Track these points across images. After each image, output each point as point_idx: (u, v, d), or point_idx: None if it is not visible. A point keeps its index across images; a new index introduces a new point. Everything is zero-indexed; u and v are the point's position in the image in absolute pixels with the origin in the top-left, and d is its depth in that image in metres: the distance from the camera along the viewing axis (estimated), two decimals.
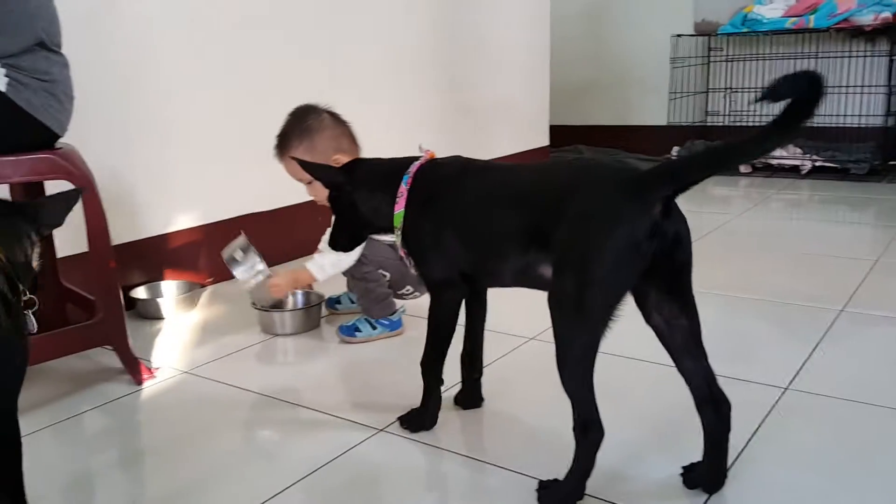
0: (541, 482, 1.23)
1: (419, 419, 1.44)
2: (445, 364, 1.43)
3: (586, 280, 1.09)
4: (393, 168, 1.42)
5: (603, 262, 1.09)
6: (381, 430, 1.46)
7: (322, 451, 1.39)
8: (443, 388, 1.46)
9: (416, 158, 1.43)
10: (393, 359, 1.83)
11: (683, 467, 1.26)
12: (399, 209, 1.37)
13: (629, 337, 1.27)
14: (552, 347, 1.15)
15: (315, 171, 1.48)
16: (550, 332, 1.15)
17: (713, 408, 1.20)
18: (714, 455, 1.21)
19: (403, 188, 1.37)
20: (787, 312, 2.07)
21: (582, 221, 1.11)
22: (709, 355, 1.19)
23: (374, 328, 1.92)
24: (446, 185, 1.36)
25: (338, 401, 1.61)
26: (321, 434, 1.47)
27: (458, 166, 1.39)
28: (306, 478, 1.30)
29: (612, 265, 1.09)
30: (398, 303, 1.99)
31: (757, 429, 1.42)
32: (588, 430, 1.15)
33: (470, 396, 1.53)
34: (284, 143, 1.83)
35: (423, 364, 1.43)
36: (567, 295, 1.11)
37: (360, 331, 1.92)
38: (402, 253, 1.42)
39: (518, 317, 1.94)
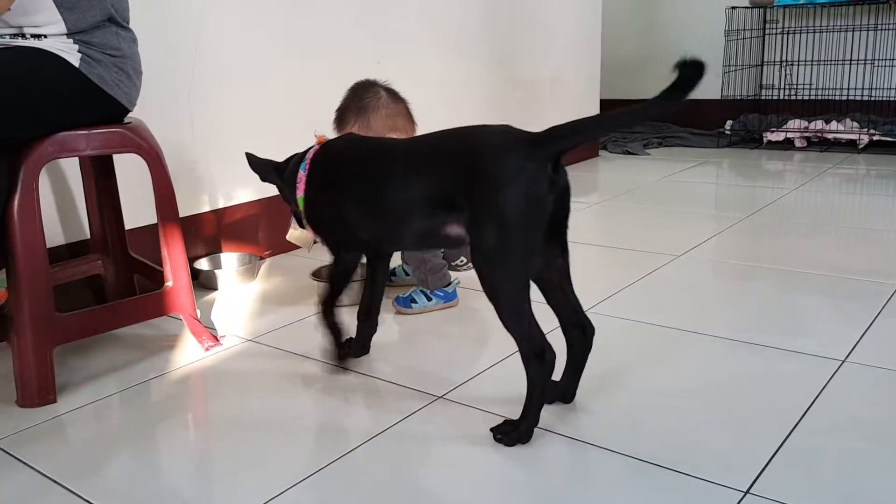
0: (495, 428, 1.33)
1: (335, 355, 1.65)
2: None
3: (505, 230, 1.22)
4: (298, 159, 1.59)
5: (517, 212, 1.22)
6: (440, 397, 1.50)
7: (382, 417, 1.43)
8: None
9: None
10: (447, 329, 1.87)
11: None
12: (300, 194, 1.54)
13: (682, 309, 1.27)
14: (606, 319, 1.16)
15: (255, 167, 1.68)
16: (602, 305, 1.17)
17: (580, 330, 1.40)
18: (575, 371, 1.42)
19: (302, 174, 1.54)
20: (844, 287, 2.05)
21: (492, 180, 1.23)
22: (769, 328, 1.21)
23: (430, 299, 1.96)
24: (339, 162, 1.51)
25: (396, 369, 1.66)
26: (381, 401, 1.52)
27: (350, 143, 1.55)
28: (368, 442, 1.35)
29: (525, 213, 1.23)
30: (453, 274, 2.02)
31: (814, 400, 1.42)
32: (544, 354, 1.27)
33: (359, 348, 1.70)
34: (342, 118, 1.88)
35: (322, 312, 1.61)
36: (490, 246, 1.24)
37: (415, 302, 1.96)
38: (309, 232, 1.58)
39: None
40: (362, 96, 1.86)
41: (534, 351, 1.27)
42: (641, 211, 3.08)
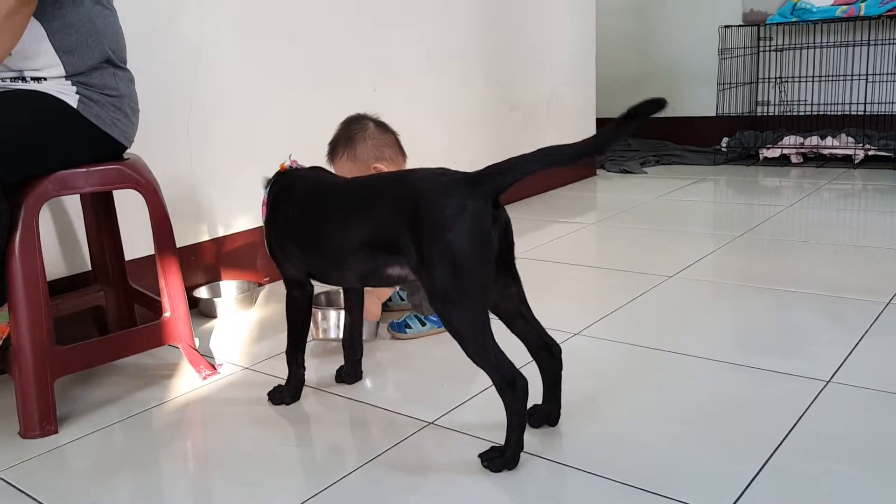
0: (483, 454, 1.36)
1: (280, 394, 1.67)
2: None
3: (457, 270, 1.26)
4: (267, 182, 1.63)
5: (465, 251, 1.25)
6: (430, 423, 1.54)
7: (374, 444, 1.47)
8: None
9: (288, 171, 1.61)
10: (440, 354, 1.90)
11: (528, 410, 1.36)
12: (264, 217, 1.59)
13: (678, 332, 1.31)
14: (596, 342, 1.20)
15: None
16: (593, 328, 1.20)
17: (547, 352, 1.43)
18: (553, 392, 1.46)
19: (265, 198, 1.59)
20: (835, 306, 2.08)
21: (437, 222, 1.27)
22: (757, 349, 1.23)
23: (424, 324, 1.99)
24: (287, 198, 1.56)
25: (388, 395, 1.69)
26: (373, 428, 1.55)
27: (300, 177, 1.58)
28: (360, 468, 1.38)
29: (474, 252, 1.26)
30: None
31: (797, 421, 1.45)
32: (515, 382, 1.29)
33: (350, 374, 1.75)
34: (333, 151, 1.94)
35: (286, 351, 1.66)
36: (445, 287, 1.27)
37: (410, 327, 1.99)
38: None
39: (563, 313, 2.00)
40: (351, 128, 1.92)
41: (505, 380, 1.29)
42: (638, 230, 3.12)
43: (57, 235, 2.07)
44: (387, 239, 1.36)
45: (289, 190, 1.57)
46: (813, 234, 2.91)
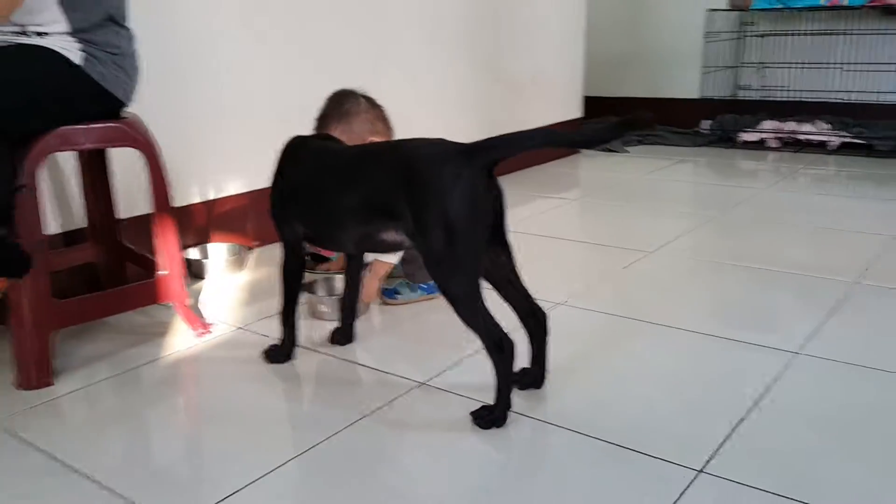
0: (474, 412, 1.42)
1: (275, 353, 1.73)
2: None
3: (452, 235, 1.31)
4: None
5: (461, 217, 1.31)
6: (422, 383, 1.60)
7: (366, 403, 1.53)
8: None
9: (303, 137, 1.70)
10: (431, 319, 1.96)
11: (515, 373, 1.44)
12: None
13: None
14: (579, 312, 1.26)
15: None
16: (577, 298, 1.26)
17: (534, 318, 1.50)
18: (539, 356, 1.53)
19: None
20: (805, 283, 2.17)
21: (433, 189, 1.32)
22: (732, 322, 1.30)
23: (414, 291, 2.05)
24: (292, 163, 1.63)
25: (380, 357, 1.75)
26: (365, 387, 1.61)
27: (304, 146, 1.64)
28: (352, 425, 1.44)
29: (468, 217, 1.31)
30: None
31: (767, 389, 1.53)
32: (502, 344, 1.36)
33: (344, 335, 1.81)
34: (323, 124, 1.94)
35: (280, 312, 1.71)
36: (440, 251, 1.33)
37: (400, 293, 2.05)
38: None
39: (548, 284, 2.06)
40: (342, 102, 1.93)
41: (494, 342, 1.37)
42: (619, 207, 3.19)
43: (54, 192, 2.09)
44: (383, 203, 1.41)
45: (295, 154, 1.63)
46: (787, 216, 3.00)
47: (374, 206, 1.43)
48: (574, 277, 2.24)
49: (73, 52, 1.61)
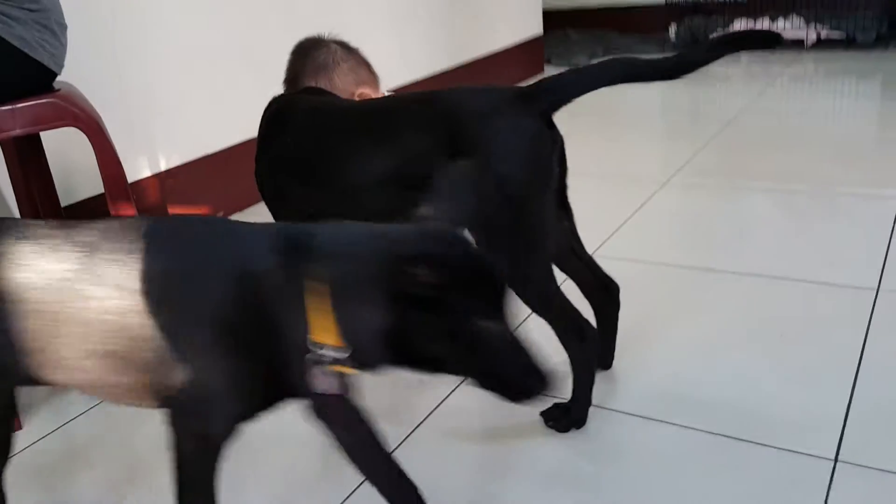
0: (545, 412, 1.20)
1: None
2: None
3: (515, 207, 1.06)
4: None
5: (524, 183, 1.06)
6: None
7: (413, 409, 1.28)
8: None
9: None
10: None
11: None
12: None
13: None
14: (616, 264, 1.02)
15: None
16: (606, 247, 1.02)
17: (604, 290, 1.27)
18: (608, 335, 1.30)
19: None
20: (851, 205, 1.99)
21: (486, 149, 1.05)
22: (787, 260, 1.09)
23: None
24: (283, 126, 1.26)
25: None
26: (409, 389, 1.36)
27: (295, 105, 1.30)
28: (410, 436, 1.20)
29: (534, 183, 1.06)
30: None
31: (865, 338, 1.34)
32: (584, 332, 1.14)
33: None
34: (296, 85, 1.59)
35: None
36: (503, 228, 1.06)
37: None
38: None
39: None
40: (314, 56, 1.56)
41: (572, 330, 1.13)
42: (607, 130, 2.94)
43: None
44: (419, 172, 1.10)
45: (285, 115, 1.28)
46: (799, 127, 2.79)
47: (408, 176, 1.12)
48: (593, 220, 1.98)
49: None
